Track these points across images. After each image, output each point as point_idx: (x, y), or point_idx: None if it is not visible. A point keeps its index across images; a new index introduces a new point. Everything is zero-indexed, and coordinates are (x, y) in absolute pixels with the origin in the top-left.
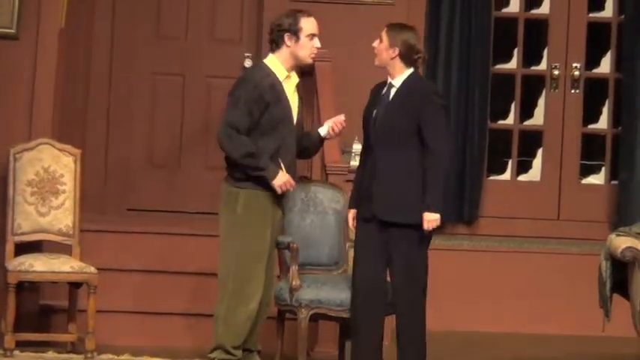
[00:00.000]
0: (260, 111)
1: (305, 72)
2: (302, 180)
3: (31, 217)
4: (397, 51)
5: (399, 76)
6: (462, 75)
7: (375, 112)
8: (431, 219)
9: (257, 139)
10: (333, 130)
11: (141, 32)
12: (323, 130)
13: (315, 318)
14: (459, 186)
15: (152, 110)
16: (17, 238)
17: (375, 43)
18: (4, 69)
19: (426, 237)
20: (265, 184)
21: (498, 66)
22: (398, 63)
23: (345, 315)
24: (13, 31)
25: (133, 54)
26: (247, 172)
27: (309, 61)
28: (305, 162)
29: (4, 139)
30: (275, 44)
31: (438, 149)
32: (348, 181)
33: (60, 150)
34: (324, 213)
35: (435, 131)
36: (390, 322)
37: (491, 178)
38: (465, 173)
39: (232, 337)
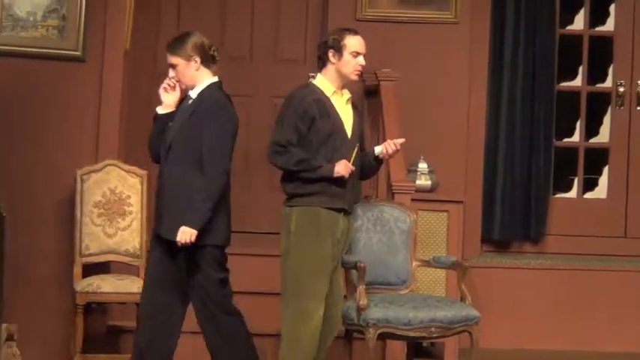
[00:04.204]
0: (306, 126)
1: (371, 92)
2: (366, 200)
3: (98, 238)
4: (199, 59)
5: (199, 86)
6: (527, 93)
7: (170, 125)
8: (185, 231)
9: None
10: (386, 149)
11: None
12: (377, 149)
13: (382, 337)
14: (525, 204)
15: None
16: (85, 260)
17: (172, 74)
18: (71, 91)
19: (212, 256)
20: (324, 199)
21: (563, 83)
22: (203, 71)
23: (412, 334)
24: (79, 53)
25: None
26: (307, 179)
27: (354, 78)
28: (371, 181)
29: (71, 161)
30: (321, 62)
31: (210, 170)
32: (414, 200)
33: (126, 171)
34: (390, 232)
35: (210, 148)
36: None
37: (558, 195)
38: (531, 191)
39: (298, 356)
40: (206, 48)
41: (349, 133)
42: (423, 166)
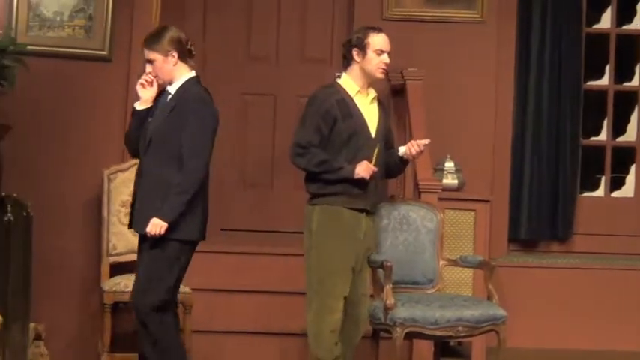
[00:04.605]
0: (328, 127)
1: (397, 91)
2: (392, 199)
3: (125, 237)
4: (176, 53)
5: (177, 81)
6: (554, 92)
7: (149, 120)
8: (156, 223)
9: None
10: (410, 150)
11: (231, 53)
12: (402, 150)
13: (409, 336)
14: (552, 203)
15: (243, 130)
16: (112, 259)
17: (149, 68)
18: (98, 91)
19: (173, 250)
20: (346, 200)
21: (590, 82)
22: (181, 66)
23: (439, 333)
24: (105, 53)
25: (224, 75)
26: (328, 180)
27: (379, 76)
28: (397, 180)
29: (98, 161)
30: (346, 61)
31: (190, 164)
32: (441, 199)
33: None
34: (417, 231)
35: (190, 145)
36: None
37: (585, 194)
38: (558, 190)
39: (321, 351)
40: (183, 42)
41: (373, 132)
42: (449, 165)
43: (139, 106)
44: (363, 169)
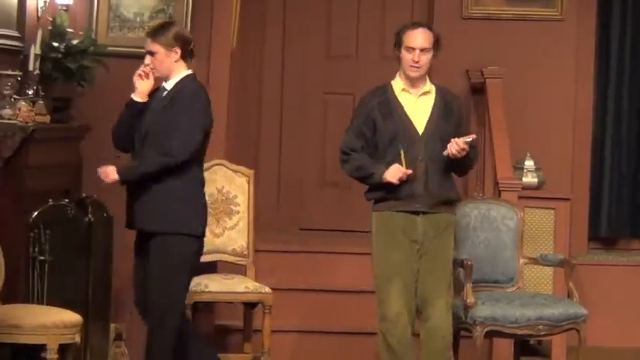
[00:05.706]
0: (370, 129)
1: (477, 89)
2: (471, 198)
3: (205, 237)
4: (179, 50)
5: (174, 77)
6: (635, 88)
7: (144, 116)
8: (110, 172)
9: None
10: (450, 150)
11: (311, 52)
12: (446, 149)
13: (489, 335)
14: (633, 201)
15: (323, 129)
16: None
17: (148, 60)
18: None
19: (179, 252)
20: (393, 204)
21: None
22: (180, 64)
23: (520, 332)
24: None
25: (304, 73)
26: (370, 185)
27: (411, 74)
28: (477, 179)
29: None
30: (396, 59)
31: (168, 145)
32: (520, 197)
33: (233, 171)
34: (497, 230)
35: (175, 131)
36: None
37: None
38: (639, 188)
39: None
40: (188, 41)
41: (420, 129)
42: (529, 163)
43: (136, 98)
44: (391, 174)
